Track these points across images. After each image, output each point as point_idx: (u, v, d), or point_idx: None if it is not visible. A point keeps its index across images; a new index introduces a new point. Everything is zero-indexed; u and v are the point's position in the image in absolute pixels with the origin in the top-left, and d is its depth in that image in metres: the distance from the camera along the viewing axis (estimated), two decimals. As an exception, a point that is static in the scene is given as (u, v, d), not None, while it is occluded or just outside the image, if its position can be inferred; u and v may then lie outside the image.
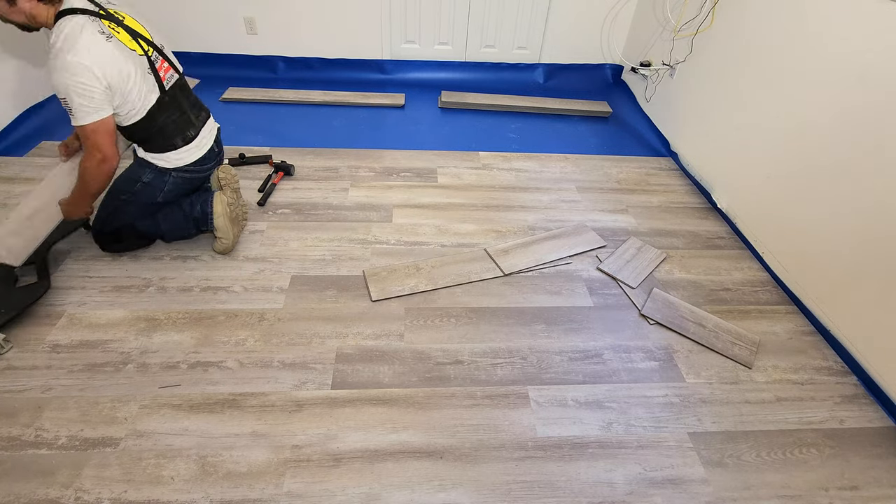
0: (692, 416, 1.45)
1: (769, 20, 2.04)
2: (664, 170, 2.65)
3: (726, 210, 2.26)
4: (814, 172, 1.79)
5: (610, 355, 1.61)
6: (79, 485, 1.19)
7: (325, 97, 3.08)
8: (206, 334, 1.58)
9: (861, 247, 1.59)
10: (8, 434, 1.28)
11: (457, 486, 1.24)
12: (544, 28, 3.33)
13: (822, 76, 1.77)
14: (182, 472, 1.23)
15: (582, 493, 1.25)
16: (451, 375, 1.51)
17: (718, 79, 2.35)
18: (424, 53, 3.38)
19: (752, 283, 1.94)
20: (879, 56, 1.55)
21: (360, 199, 2.25)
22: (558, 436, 1.37)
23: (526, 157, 2.67)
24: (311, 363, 1.51)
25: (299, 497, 1.20)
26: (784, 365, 1.62)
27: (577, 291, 1.84)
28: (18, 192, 2.11)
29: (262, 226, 2.04)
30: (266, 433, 1.33)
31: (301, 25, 3.18)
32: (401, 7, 3.18)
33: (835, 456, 1.37)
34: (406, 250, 1.98)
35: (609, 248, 2.06)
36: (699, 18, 2.46)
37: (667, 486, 1.28)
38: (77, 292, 1.68)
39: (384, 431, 1.35)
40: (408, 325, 1.66)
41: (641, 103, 3.14)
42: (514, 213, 2.24)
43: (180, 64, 1.82)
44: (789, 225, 1.89)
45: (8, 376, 1.42)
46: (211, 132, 1.82)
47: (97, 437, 1.29)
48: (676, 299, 1.82)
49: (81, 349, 1.51)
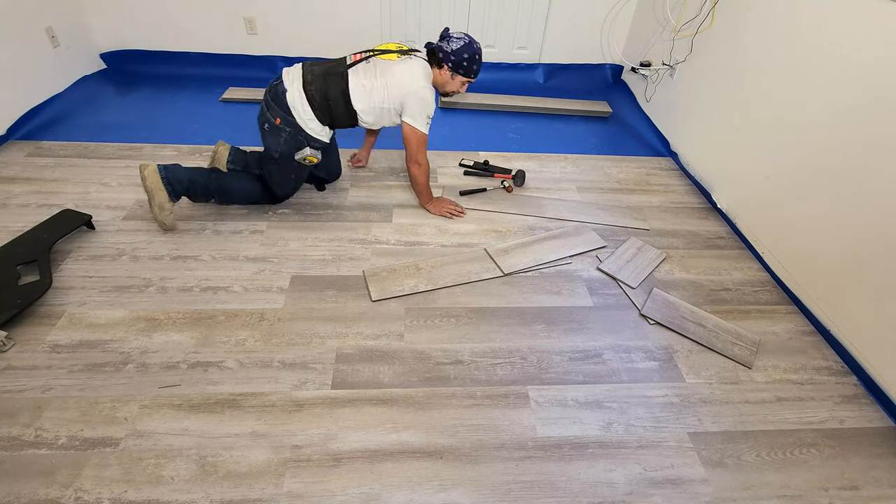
0: (692, 416, 1.45)
1: (769, 20, 2.04)
2: (664, 170, 2.65)
3: (726, 210, 2.26)
4: (814, 172, 1.79)
5: (610, 355, 1.61)
6: (79, 485, 1.19)
7: (325, 97, 3.07)
8: (206, 334, 1.58)
9: (861, 247, 1.59)
10: (8, 434, 1.28)
11: (457, 486, 1.24)
12: (544, 28, 3.33)
13: (822, 76, 1.77)
14: (182, 472, 1.23)
15: (582, 493, 1.25)
16: (451, 375, 1.51)
17: (718, 79, 2.35)
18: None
19: (752, 283, 1.94)
20: (879, 56, 1.55)
21: (360, 199, 2.25)
22: (558, 436, 1.37)
23: (526, 156, 2.67)
24: (311, 363, 1.51)
25: (299, 497, 1.20)
26: (784, 365, 1.62)
27: (577, 291, 1.84)
28: (18, 191, 2.11)
29: (262, 226, 2.04)
30: (266, 433, 1.32)
31: (301, 25, 3.19)
32: (401, 7, 3.18)
33: (835, 456, 1.37)
34: (406, 250, 1.98)
35: (609, 248, 2.06)
36: (699, 18, 2.46)
37: (667, 486, 1.28)
38: (77, 292, 1.69)
39: (384, 431, 1.35)
40: (408, 325, 1.66)
41: (641, 103, 3.14)
42: (514, 213, 2.24)
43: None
44: (789, 225, 1.89)
45: (8, 376, 1.42)
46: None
47: (97, 437, 1.29)
48: (676, 299, 1.82)
49: (81, 349, 1.51)
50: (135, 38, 3.17)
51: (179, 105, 2.92)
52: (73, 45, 2.91)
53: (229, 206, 2.11)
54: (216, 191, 1.99)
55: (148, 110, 2.84)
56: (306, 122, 1.88)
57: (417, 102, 1.88)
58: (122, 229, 1.96)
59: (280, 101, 1.85)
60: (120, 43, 3.17)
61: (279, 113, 1.86)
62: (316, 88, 1.85)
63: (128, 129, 2.64)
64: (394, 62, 1.89)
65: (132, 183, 2.23)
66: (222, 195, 2.02)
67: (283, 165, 1.97)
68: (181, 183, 1.89)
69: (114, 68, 3.21)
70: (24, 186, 2.15)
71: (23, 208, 2.03)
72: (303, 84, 1.85)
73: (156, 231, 1.96)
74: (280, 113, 1.86)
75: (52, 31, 2.73)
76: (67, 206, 2.03)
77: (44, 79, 2.70)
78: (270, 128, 1.89)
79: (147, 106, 2.89)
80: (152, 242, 1.91)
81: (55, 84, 2.79)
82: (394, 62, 1.89)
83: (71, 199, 2.11)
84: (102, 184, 2.21)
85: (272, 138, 1.90)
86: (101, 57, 3.17)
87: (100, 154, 2.42)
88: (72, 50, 2.91)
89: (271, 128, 1.89)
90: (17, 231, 1.87)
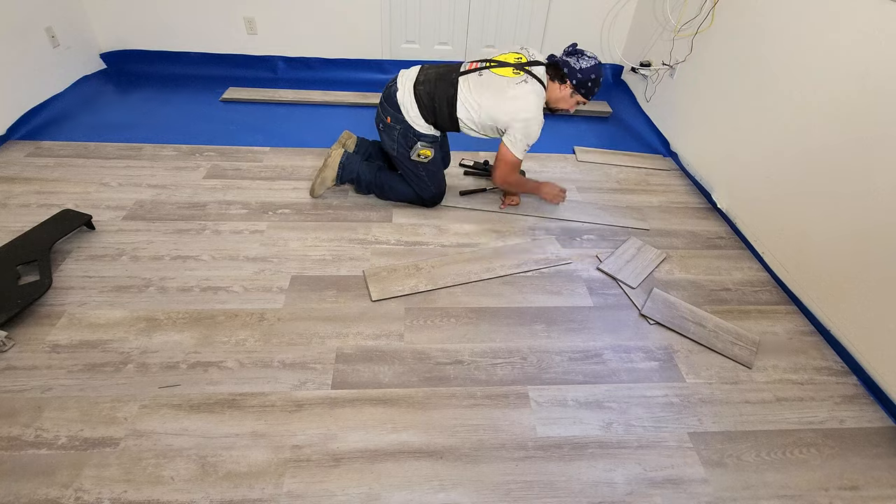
0: (692, 416, 1.45)
1: (769, 20, 2.04)
2: (664, 170, 2.65)
3: (726, 210, 2.26)
4: (814, 172, 1.78)
5: (610, 355, 1.61)
6: (79, 485, 1.19)
7: (325, 97, 3.08)
8: (206, 334, 1.58)
9: (861, 247, 1.59)
10: (8, 434, 1.28)
11: (457, 486, 1.24)
12: (544, 28, 3.33)
13: (823, 76, 1.77)
14: (182, 472, 1.23)
15: (582, 493, 1.25)
16: (451, 375, 1.51)
17: (718, 79, 2.35)
18: (424, 53, 3.38)
19: (752, 283, 1.94)
20: (880, 56, 1.55)
21: (360, 199, 2.25)
22: (558, 436, 1.37)
23: (526, 156, 2.65)
24: (311, 363, 1.51)
25: (299, 497, 1.20)
26: (784, 365, 1.62)
27: (577, 291, 1.84)
28: (18, 191, 2.11)
29: (262, 226, 2.04)
30: (266, 433, 1.32)
31: (301, 25, 3.19)
32: (401, 7, 3.18)
33: (835, 456, 1.37)
34: (406, 250, 1.98)
35: (609, 248, 2.06)
36: (699, 18, 2.46)
37: (667, 486, 1.28)
38: (77, 292, 1.69)
39: (384, 431, 1.35)
40: (408, 325, 1.66)
41: (641, 103, 3.14)
42: (514, 213, 2.24)
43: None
44: (789, 225, 1.89)
45: (8, 376, 1.42)
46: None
47: (97, 437, 1.29)
48: (676, 299, 1.82)
49: (81, 349, 1.51)
50: (135, 38, 3.17)
51: (179, 105, 2.92)
52: (73, 45, 2.91)
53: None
54: (377, 186, 2.17)
55: (148, 110, 2.84)
56: (413, 119, 1.94)
57: (522, 132, 1.88)
58: (122, 229, 1.96)
59: (391, 100, 1.95)
60: (120, 43, 3.17)
61: (390, 112, 1.97)
62: (425, 90, 1.91)
63: (128, 129, 2.64)
64: (508, 82, 1.85)
65: (132, 183, 2.23)
66: (381, 191, 2.19)
67: (404, 165, 2.08)
68: (351, 173, 2.13)
69: (114, 68, 3.21)
70: (24, 186, 2.15)
71: (23, 208, 2.03)
72: (414, 83, 1.93)
73: (156, 231, 1.96)
74: (391, 112, 1.96)
75: (52, 31, 2.73)
76: (67, 206, 2.03)
77: (44, 79, 2.70)
78: (384, 127, 2.01)
79: (147, 106, 2.89)
80: (152, 242, 1.91)
81: (55, 84, 2.79)
82: (508, 82, 1.85)
83: (71, 199, 2.11)
84: (102, 184, 2.21)
85: (387, 137, 2.03)
86: (101, 57, 3.17)
87: (100, 154, 2.42)
88: (72, 50, 2.91)
89: (385, 127, 2.01)
90: (17, 231, 1.87)
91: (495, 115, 1.87)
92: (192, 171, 2.34)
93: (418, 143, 1.99)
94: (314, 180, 2.17)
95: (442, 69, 1.94)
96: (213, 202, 2.15)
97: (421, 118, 1.94)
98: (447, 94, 1.89)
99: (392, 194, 2.19)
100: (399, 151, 2.03)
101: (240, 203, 2.16)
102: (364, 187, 2.19)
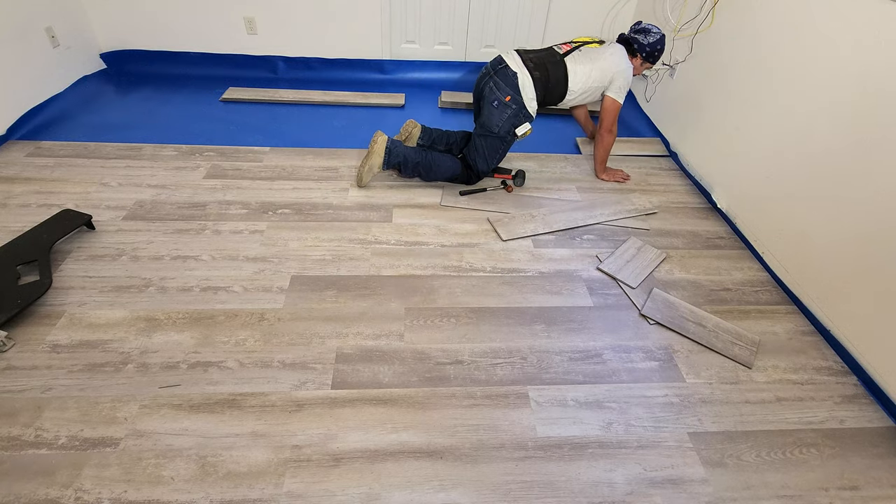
0: (692, 416, 1.45)
1: (769, 20, 2.04)
2: (664, 170, 2.65)
3: (726, 210, 2.26)
4: (814, 172, 1.79)
5: (610, 355, 1.61)
6: (79, 485, 1.19)
7: (325, 97, 3.08)
8: (206, 334, 1.58)
9: (861, 247, 1.59)
10: (8, 434, 1.28)
11: (457, 486, 1.24)
12: (544, 28, 3.33)
13: (823, 76, 1.77)
14: (182, 472, 1.23)
15: (582, 493, 1.25)
16: (450, 375, 1.51)
17: (718, 79, 2.35)
18: (424, 53, 3.38)
19: (752, 283, 1.94)
20: (880, 56, 1.55)
21: (360, 199, 2.25)
22: (558, 436, 1.37)
23: (526, 156, 2.67)
24: (311, 363, 1.51)
25: (299, 497, 1.20)
26: (784, 365, 1.62)
27: (577, 291, 1.84)
28: (18, 191, 2.11)
29: (262, 226, 2.04)
30: (266, 433, 1.32)
31: (301, 25, 3.19)
32: (401, 7, 3.18)
33: (835, 456, 1.37)
34: (406, 250, 1.98)
35: (609, 248, 2.06)
36: (699, 18, 2.46)
37: (667, 486, 1.28)
38: (77, 292, 1.69)
39: (384, 431, 1.35)
40: (408, 325, 1.66)
41: (641, 103, 3.14)
42: (514, 213, 2.23)
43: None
44: (789, 225, 1.89)
45: (8, 376, 1.42)
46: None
47: (97, 437, 1.29)
48: (676, 299, 1.82)
49: (81, 349, 1.51)
50: (135, 38, 3.17)
51: (179, 105, 2.92)
52: (73, 45, 2.91)
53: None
54: (424, 166, 2.27)
55: (148, 110, 2.84)
56: (529, 101, 2.17)
57: (623, 79, 2.24)
58: (122, 229, 1.96)
59: (511, 82, 2.14)
60: (120, 43, 3.17)
61: (510, 92, 2.14)
62: (540, 74, 2.15)
63: (128, 129, 2.64)
64: (601, 49, 2.24)
65: (132, 183, 2.23)
66: (428, 170, 2.28)
67: (499, 139, 2.25)
68: (397, 157, 2.24)
69: (114, 68, 3.21)
70: (24, 186, 2.15)
71: (23, 208, 2.03)
72: (528, 70, 2.14)
73: (156, 231, 1.96)
74: (510, 92, 2.14)
75: (52, 31, 2.73)
76: (67, 206, 2.03)
77: (44, 79, 2.70)
78: (500, 105, 2.16)
79: (147, 106, 2.89)
80: (152, 242, 1.91)
81: (55, 84, 2.79)
82: (601, 49, 2.24)
83: (71, 199, 2.11)
84: (102, 184, 2.21)
85: (498, 114, 2.18)
86: (101, 57, 3.17)
87: (100, 154, 2.42)
88: (72, 50, 2.91)
89: (500, 104, 2.16)
90: (17, 231, 1.87)
91: (604, 73, 2.21)
92: (192, 171, 2.34)
93: (527, 122, 2.22)
94: (360, 170, 2.26)
95: (542, 55, 2.20)
96: (213, 202, 2.15)
97: (535, 100, 2.19)
98: (560, 74, 2.17)
99: (439, 172, 2.30)
100: (501, 128, 2.20)
101: (240, 203, 2.16)
102: (411, 169, 2.28)
